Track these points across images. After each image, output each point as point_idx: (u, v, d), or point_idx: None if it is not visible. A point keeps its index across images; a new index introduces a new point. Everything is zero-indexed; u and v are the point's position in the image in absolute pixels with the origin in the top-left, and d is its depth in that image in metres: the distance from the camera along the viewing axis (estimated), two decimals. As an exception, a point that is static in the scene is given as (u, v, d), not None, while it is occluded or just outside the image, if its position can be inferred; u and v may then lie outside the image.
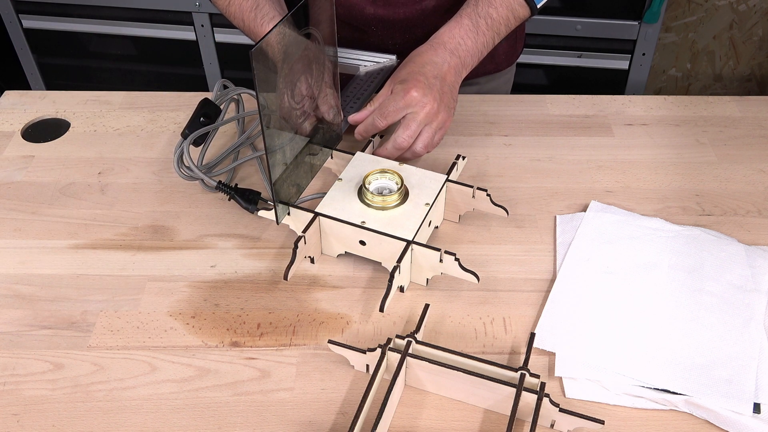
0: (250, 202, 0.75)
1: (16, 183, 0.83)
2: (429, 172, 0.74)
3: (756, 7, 1.82)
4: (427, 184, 0.73)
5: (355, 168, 0.75)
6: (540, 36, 1.67)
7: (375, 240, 0.68)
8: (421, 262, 0.68)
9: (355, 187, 0.72)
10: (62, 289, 0.70)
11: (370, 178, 0.72)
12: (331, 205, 0.71)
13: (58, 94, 0.97)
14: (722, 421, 0.58)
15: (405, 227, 0.68)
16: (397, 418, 0.59)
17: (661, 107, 0.95)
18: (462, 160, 0.77)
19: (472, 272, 0.66)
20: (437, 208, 0.73)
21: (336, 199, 0.71)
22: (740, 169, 0.85)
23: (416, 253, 0.67)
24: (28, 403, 0.60)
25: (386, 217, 0.69)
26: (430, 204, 0.71)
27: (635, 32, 1.62)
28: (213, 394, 0.61)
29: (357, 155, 0.77)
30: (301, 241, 0.68)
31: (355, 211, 0.70)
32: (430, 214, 0.71)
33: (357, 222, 0.68)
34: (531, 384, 0.57)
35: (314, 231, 0.70)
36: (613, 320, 0.66)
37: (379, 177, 0.72)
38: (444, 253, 0.66)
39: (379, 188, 0.72)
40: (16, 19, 1.80)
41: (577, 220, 0.77)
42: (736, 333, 0.64)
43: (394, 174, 0.72)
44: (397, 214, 0.70)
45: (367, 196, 0.70)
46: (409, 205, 0.71)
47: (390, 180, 0.72)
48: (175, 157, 0.79)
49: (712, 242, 0.73)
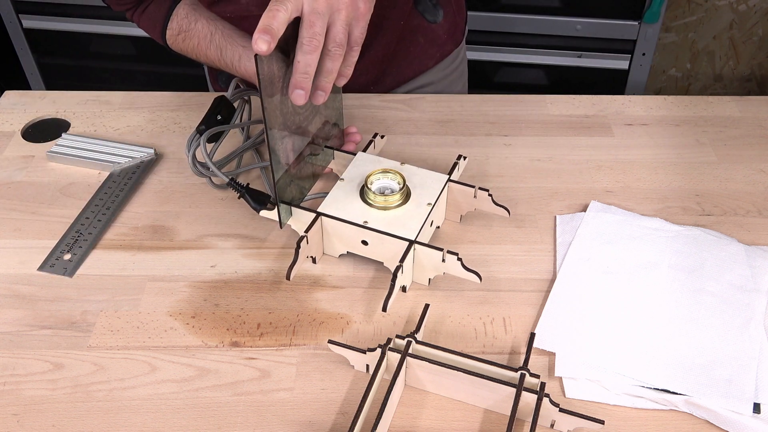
0: (259, 203, 0.74)
1: (16, 183, 0.83)
2: (431, 172, 0.74)
3: (756, 7, 1.82)
4: (429, 184, 0.73)
5: (356, 168, 0.75)
6: (540, 36, 1.67)
7: (377, 240, 0.68)
8: (423, 262, 0.68)
9: (357, 187, 0.72)
10: (62, 289, 0.70)
11: (372, 178, 0.72)
12: (333, 205, 0.71)
13: (58, 94, 0.97)
14: (722, 421, 0.58)
15: (407, 227, 0.68)
16: (397, 418, 0.59)
17: (661, 107, 0.95)
18: (463, 160, 0.77)
19: (475, 272, 0.66)
20: (439, 208, 0.74)
21: (338, 199, 0.71)
22: (740, 169, 0.85)
23: (419, 253, 0.67)
24: (28, 403, 0.60)
25: (388, 217, 0.69)
26: (432, 204, 0.70)
27: (635, 32, 1.62)
28: (213, 394, 0.61)
29: (359, 155, 0.77)
30: (304, 241, 0.68)
31: (357, 211, 0.70)
32: (432, 214, 0.71)
33: (359, 222, 0.68)
34: (531, 384, 0.57)
35: (316, 231, 0.70)
36: (613, 320, 0.66)
37: (381, 177, 0.72)
38: (447, 253, 0.66)
39: (381, 188, 0.72)
40: (16, 19, 1.80)
41: (577, 220, 0.77)
42: (736, 333, 0.64)
43: (396, 174, 0.72)
44: (400, 214, 0.70)
45: (369, 196, 0.70)
46: (411, 205, 0.71)
47: (392, 180, 0.72)
48: (190, 151, 0.79)
49: (712, 242, 0.73)
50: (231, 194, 0.81)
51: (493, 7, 1.65)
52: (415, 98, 0.96)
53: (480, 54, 1.70)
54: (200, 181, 0.82)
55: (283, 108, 0.66)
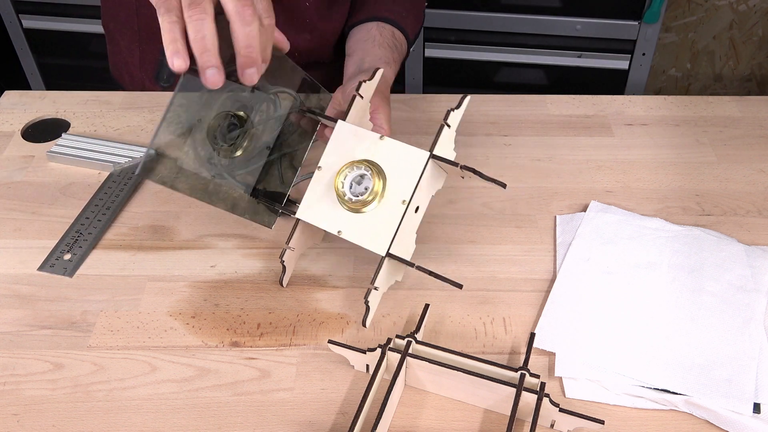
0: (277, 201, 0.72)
1: (16, 183, 0.83)
2: (411, 148, 0.64)
3: (756, 7, 1.82)
4: (407, 167, 0.64)
5: (335, 148, 0.67)
6: (540, 36, 1.67)
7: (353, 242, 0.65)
8: (396, 270, 0.68)
9: (332, 178, 0.66)
10: (62, 289, 0.70)
11: (342, 176, 0.65)
12: (311, 207, 0.66)
13: (58, 94, 0.97)
14: (722, 421, 0.58)
15: (380, 236, 0.63)
16: (397, 418, 0.59)
17: (661, 107, 0.95)
18: (455, 110, 0.65)
19: (455, 282, 0.63)
20: (421, 190, 0.65)
21: (315, 198, 0.66)
22: (740, 169, 0.85)
23: (392, 265, 0.66)
24: (28, 403, 0.60)
25: (362, 221, 0.65)
26: (408, 201, 0.64)
27: (635, 32, 1.62)
28: (213, 394, 0.61)
29: (338, 126, 0.67)
30: (287, 253, 0.67)
31: (333, 215, 0.65)
32: (410, 208, 0.65)
33: (334, 231, 0.65)
34: (531, 384, 0.57)
35: (299, 233, 0.69)
36: (613, 320, 0.66)
37: (349, 173, 0.65)
38: (417, 268, 0.63)
39: (353, 182, 0.65)
40: (16, 19, 1.80)
41: (577, 220, 0.77)
42: (736, 333, 0.64)
43: (368, 166, 0.64)
44: (372, 219, 0.64)
45: (340, 197, 0.65)
46: (385, 203, 0.64)
47: (366, 171, 0.64)
48: None
49: (712, 242, 0.73)
50: (231, 194, 0.81)
51: (493, 7, 1.65)
52: (415, 98, 0.96)
53: (480, 54, 1.70)
54: (200, 181, 0.82)
55: None
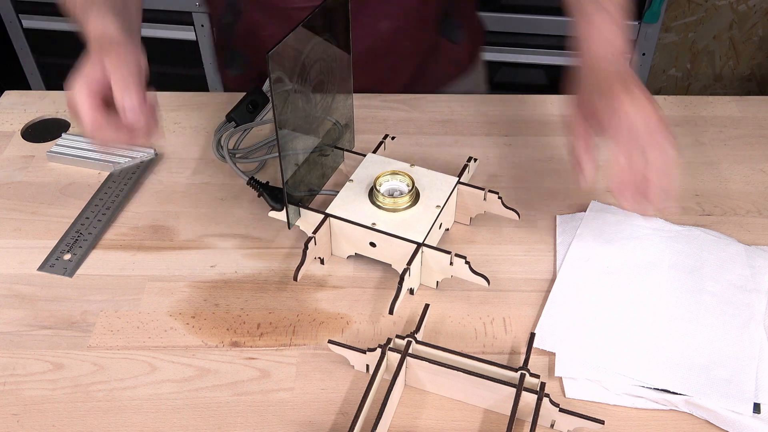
0: (277, 201, 0.74)
1: (16, 183, 0.83)
2: (440, 174, 0.74)
3: (756, 7, 1.82)
4: (438, 187, 0.72)
5: (365, 169, 0.75)
6: (540, 36, 1.67)
7: (385, 242, 0.68)
8: (431, 265, 0.68)
9: (365, 188, 0.72)
10: (62, 289, 0.70)
11: (381, 180, 0.72)
12: (342, 206, 0.70)
13: (58, 94, 0.97)
14: (722, 421, 0.58)
15: (415, 229, 0.68)
16: (397, 418, 0.59)
17: (661, 107, 0.95)
18: (474, 162, 0.77)
19: (482, 275, 0.66)
20: (448, 210, 0.73)
21: (347, 200, 0.71)
22: (740, 169, 0.85)
23: (426, 256, 0.67)
24: (28, 403, 0.60)
25: (397, 219, 0.69)
26: (441, 206, 0.70)
27: (635, 32, 1.62)
28: (213, 394, 0.61)
29: (368, 156, 0.77)
30: (311, 242, 0.68)
31: (366, 213, 0.70)
32: (440, 217, 0.71)
33: (368, 224, 0.68)
34: (531, 384, 0.57)
35: (324, 232, 0.70)
36: (613, 320, 0.66)
37: (390, 179, 0.72)
38: (455, 256, 0.66)
39: (390, 190, 0.72)
40: (16, 19, 1.80)
41: (577, 220, 0.77)
42: (736, 333, 0.64)
43: (405, 176, 0.72)
44: (408, 217, 0.69)
45: (377, 197, 0.70)
46: (419, 207, 0.70)
47: (401, 182, 0.72)
48: (215, 138, 0.81)
49: (712, 242, 0.73)
50: (231, 194, 0.81)
51: (494, 7, 1.65)
52: (415, 98, 0.96)
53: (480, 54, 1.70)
54: (200, 181, 0.82)
55: (293, 108, 0.66)
